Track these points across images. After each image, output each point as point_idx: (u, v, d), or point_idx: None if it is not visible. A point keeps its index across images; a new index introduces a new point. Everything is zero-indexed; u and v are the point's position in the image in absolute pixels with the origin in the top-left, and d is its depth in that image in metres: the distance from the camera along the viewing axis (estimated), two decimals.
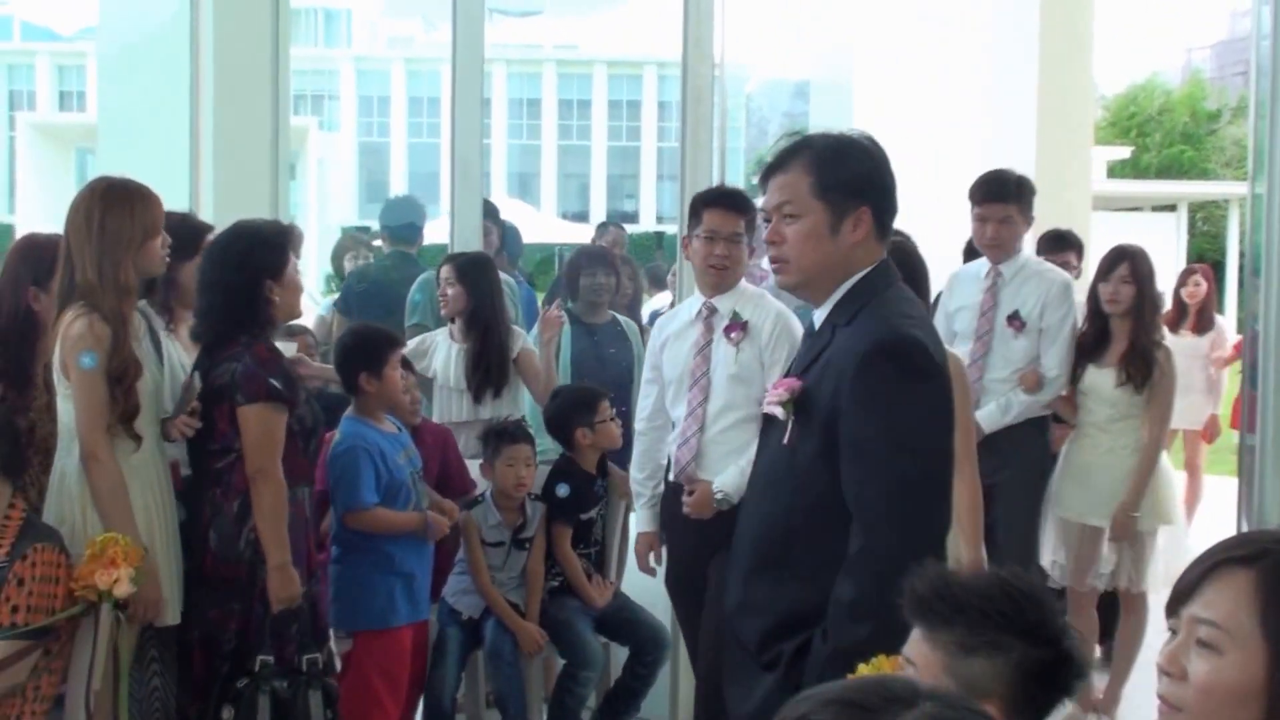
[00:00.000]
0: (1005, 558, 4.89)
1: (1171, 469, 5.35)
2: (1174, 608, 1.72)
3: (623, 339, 5.77)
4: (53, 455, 3.72)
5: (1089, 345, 5.12)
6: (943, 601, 1.90)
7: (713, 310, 4.23)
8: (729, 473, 4.10)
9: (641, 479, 4.46)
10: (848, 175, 2.60)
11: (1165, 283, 6.57)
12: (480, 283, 4.93)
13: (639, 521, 4.48)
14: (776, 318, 4.20)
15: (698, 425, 4.20)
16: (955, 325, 5.22)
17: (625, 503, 4.89)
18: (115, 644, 3.52)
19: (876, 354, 2.49)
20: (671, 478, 4.27)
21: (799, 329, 4.01)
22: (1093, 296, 5.18)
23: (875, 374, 2.47)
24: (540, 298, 7.29)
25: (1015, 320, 5.05)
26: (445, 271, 4.94)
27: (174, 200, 4.40)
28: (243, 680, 3.69)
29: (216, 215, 4.65)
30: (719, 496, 4.07)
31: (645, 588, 4.98)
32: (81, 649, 3.54)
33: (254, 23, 5.16)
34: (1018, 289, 5.09)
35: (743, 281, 4.30)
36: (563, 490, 4.68)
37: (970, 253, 5.47)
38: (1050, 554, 5.13)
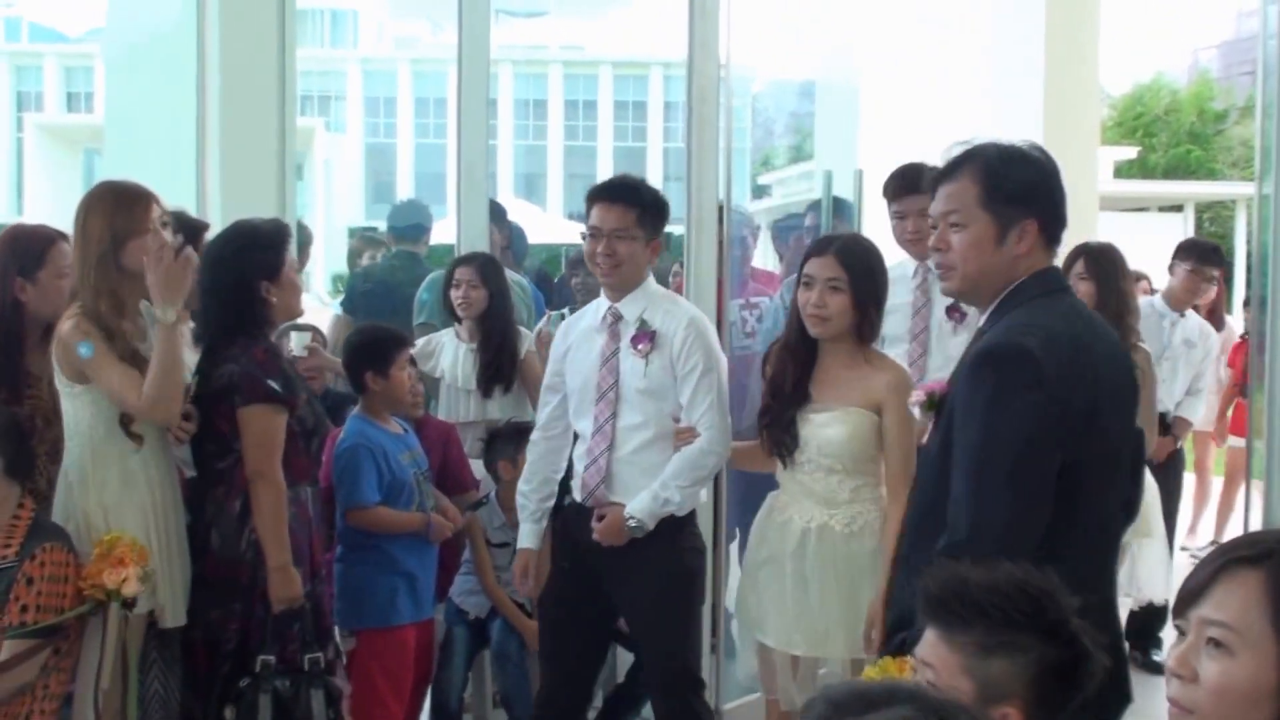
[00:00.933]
0: None
1: (1152, 479, 5.10)
2: (1182, 609, 1.71)
3: None
4: (58, 443, 3.73)
5: None
6: (960, 602, 1.91)
7: (618, 316, 3.93)
8: (642, 497, 3.84)
9: (528, 491, 4.12)
10: (1014, 186, 2.61)
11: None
12: (499, 284, 4.96)
13: (521, 537, 4.12)
14: (689, 325, 3.88)
15: (606, 444, 3.91)
16: (885, 329, 4.93)
17: None
18: (124, 643, 3.53)
19: (983, 360, 2.52)
20: (578, 498, 4.02)
21: (713, 336, 3.95)
22: None
23: (978, 380, 2.51)
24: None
25: (956, 310, 4.81)
26: (466, 273, 4.93)
27: (181, 201, 4.41)
28: (244, 680, 3.70)
29: (223, 216, 4.65)
30: (632, 523, 3.83)
31: None
32: (90, 648, 3.55)
33: (260, 24, 5.16)
34: None
35: (651, 283, 3.98)
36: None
37: None
38: None
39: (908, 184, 4.83)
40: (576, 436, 4.05)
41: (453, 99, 5.39)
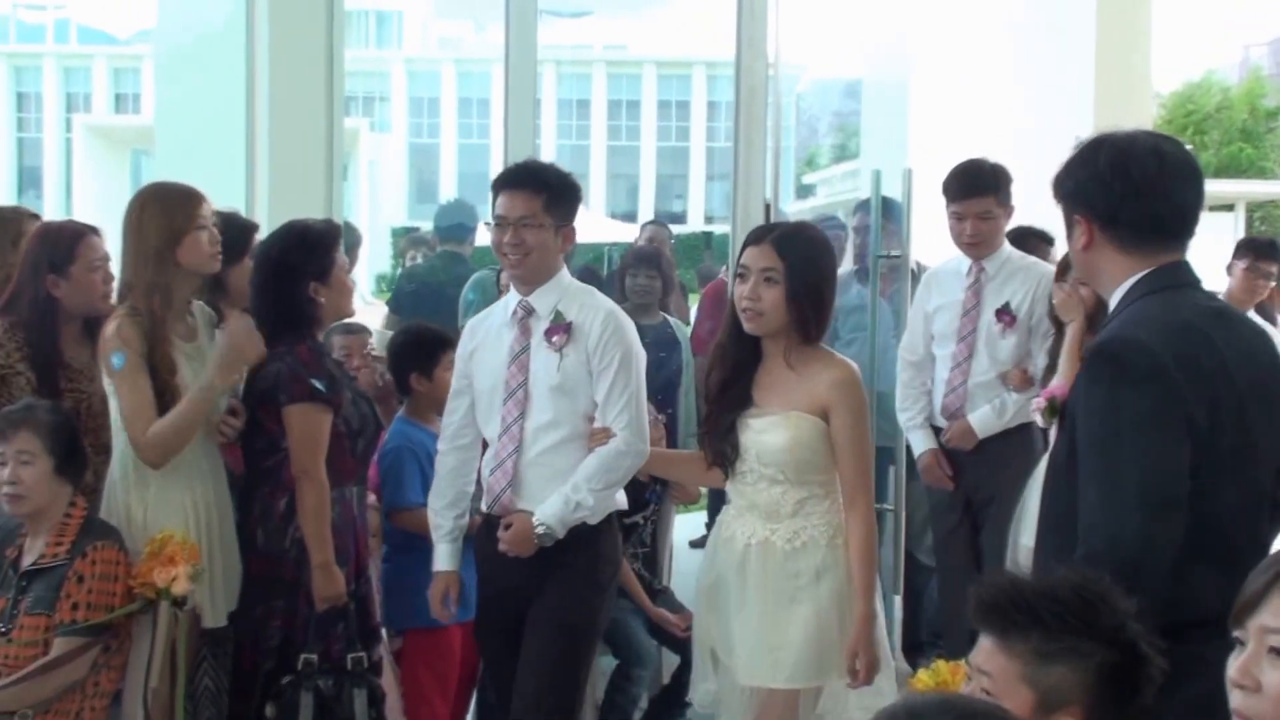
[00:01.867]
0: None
1: None
2: (1240, 619, 1.68)
3: (673, 341, 5.75)
4: (102, 435, 3.78)
5: (1059, 352, 4.57)
6: (1016, 609, 1.89)
7: (530, 310, 3.62)
8: (551, 502, 3.51)
9: (440, 509, 3.75)
10: (1067, 184, 2.55)
11: (1219, 283, 6.46)
12: None
13: (436, 558, 3.76)
14: (606, 318, 3.59)
15: (514, 445, 3.58)
16: (934, 326, 4.97)
17: (677, 506, 4.86)
18: (173, 641, 3.55)
19: (1097, 356, 2.43)
20: (485, 508, 3.68)
21: (632, 330, 3.66)
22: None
23: (1093, 377, 2.42)
24: None
25: (1005, 314, 4.79)
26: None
27: (229, 200, 4.44)
28: (287, 678, 3.70)
29: (271, 216, 4.69)
30: (540, 530, 3.49)
31: None
32: (140, 646, 3.58)
33: (309, 25, 5.19)
34: (1002, 285, 4.84)
35: (565, 274, 3.68)
36: None
37: (1017, 242, 5.33)
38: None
39: (967, 186, 4.79)
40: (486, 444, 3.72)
41: (496, 99, 5.41)
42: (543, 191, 3.57)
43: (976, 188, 4.78)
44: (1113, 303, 2.53)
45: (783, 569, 3.41)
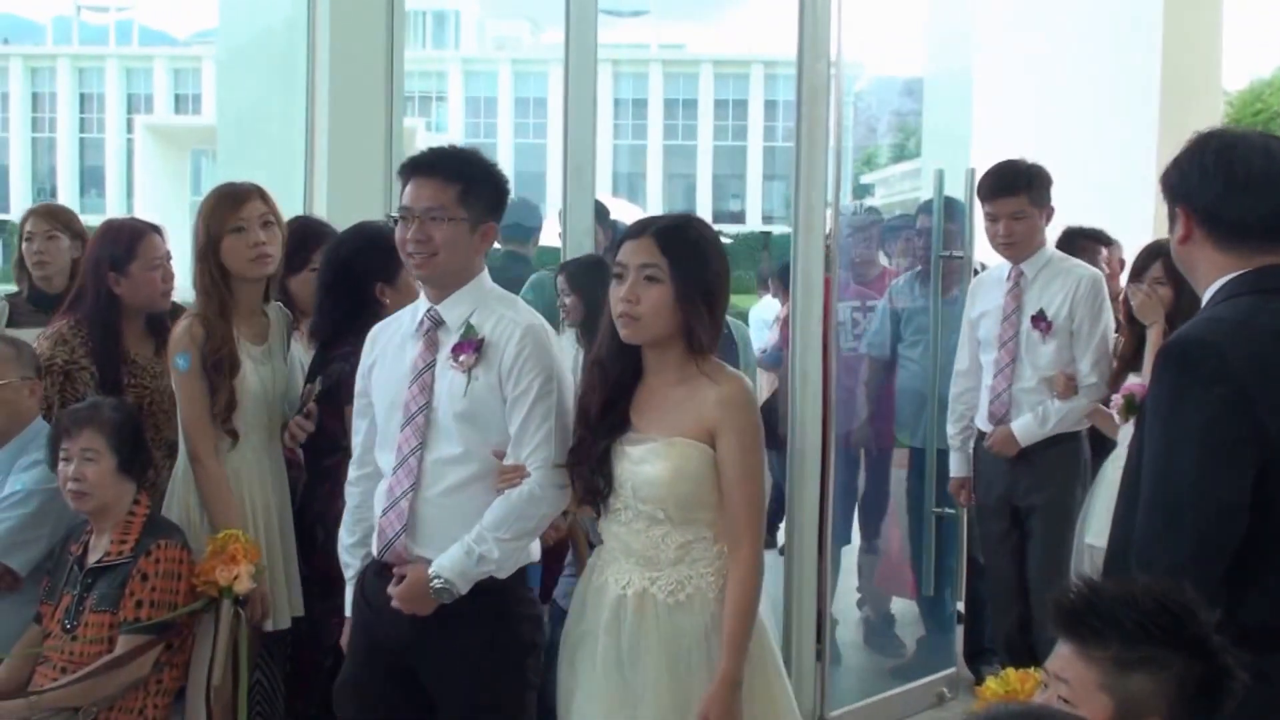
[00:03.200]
0: (1038, 588, 4.70)
1: None
2: None
3: (729, 341, 5.72)
4: (164, 430, 3.86)
5: (1129, 353, 4.65)
6: (1096, 616, 1.86)
7: (438, 321, 3.08)
8: (452, 552, 2.95)
9: (350, 545, 3.25)
10: (1174, 176, 2.48)
11: None
12: (591, 289, 4.93)
13: (348, 602, 3.27)
14: (525, 335, 3.00)
15: (411, 481, 3.01)
16: (979, 333, 4.96)
17: None
18: (235, 640, 3.57)
19: (1163, 357, 2.38)
20: (375, 553, 3.10)
21: (555, 351, 3.07)
22: (1127, 301, 4.69)
23: (1159, 378, 2.37)
24: None
25: (1041, 321, 4.73)
26: (560, 281, 4.94)
27: (289, 200, 4.46)
28: None
29: (330, 216, 4.71)
30: (437, 584, 2.93)
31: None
32: (203, 644, 3.60)
33: (369, 26, 5.21)
34: (1042, 288, 4.79)
35: (484, 280, 3.13)
36: None
37: (1066, 244, 5.26)
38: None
39: (999, 185, 4.75)
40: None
41: (552, 99, 5.41)
42: (457, 181, 3.04)
43: (1008, 187, 4.74)
44: (1204, 300, 2.47)
45: (666, 627, 2.88)
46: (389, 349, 3.16)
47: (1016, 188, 4.74)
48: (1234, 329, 2.34)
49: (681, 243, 2.90)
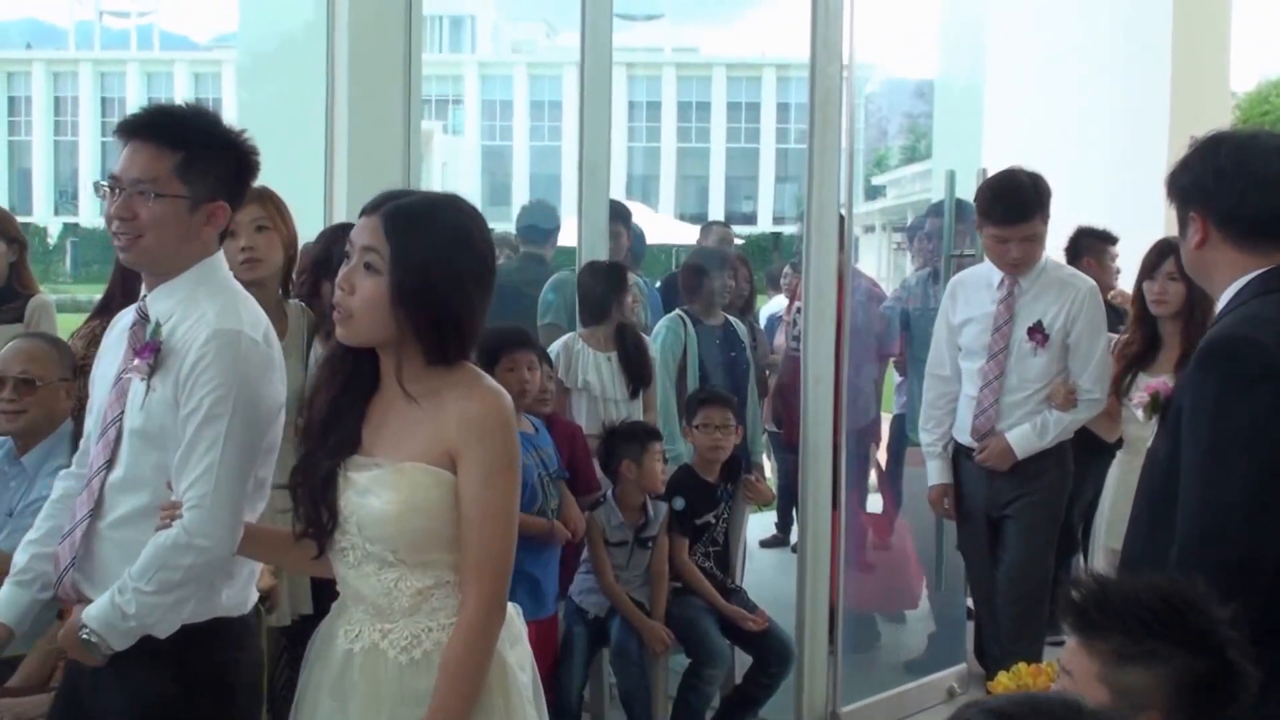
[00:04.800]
0: (1017, 593, 4.58)
1: None
2: None
3: (738, 340, 5.78)
4: None
5: (1138, 352, 4.55)
6: (1100, 609, 1.88)
7: (144, 316, 2.58)
8: (100, 602, 2.46)
9: (24, 542, 2.76)
10: (1186, 181, 2.51)
11: None
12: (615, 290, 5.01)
13: None
14: (209, 339, 2.46)
15: (90, 506, 2.54)
16: (961, 339, 4.69)
17: (750, 505, 4.88)
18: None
19: (1207, 355, 2.38)
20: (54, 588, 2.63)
21: (244, 362, 2.50)
22: (1138, 297, 4.60)
23: (1203, 376, 2.36)
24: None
25: (1038, 333, 4.49)
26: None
27: (308, 204, 4.51)
28: None
29: (350, 218, 4.74)
30: (84, 635, 2.45)
31: (775, 598, 4.99)
32: None
33: (387, 30, 5.26)
34: (1036, 298, 4.55)
35: (208, 267, 2.60)
36: (679, 504, 4.67)
37: (1076, 242, 5.22)
38: None
39: (1013, 209, 4.46)
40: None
41: (567, 102, 5.46)
42: (179, 148, 2.53)
43: (1022, 211, 4.46)
44: (1221, 302, 2.50)
45: (395, 689, 2.35)
46: (110, 342, 2.68)
47: (1030, 213, 4.47)
48: (1275, 327, 2.35)
49: (411, 228, 2.31)
